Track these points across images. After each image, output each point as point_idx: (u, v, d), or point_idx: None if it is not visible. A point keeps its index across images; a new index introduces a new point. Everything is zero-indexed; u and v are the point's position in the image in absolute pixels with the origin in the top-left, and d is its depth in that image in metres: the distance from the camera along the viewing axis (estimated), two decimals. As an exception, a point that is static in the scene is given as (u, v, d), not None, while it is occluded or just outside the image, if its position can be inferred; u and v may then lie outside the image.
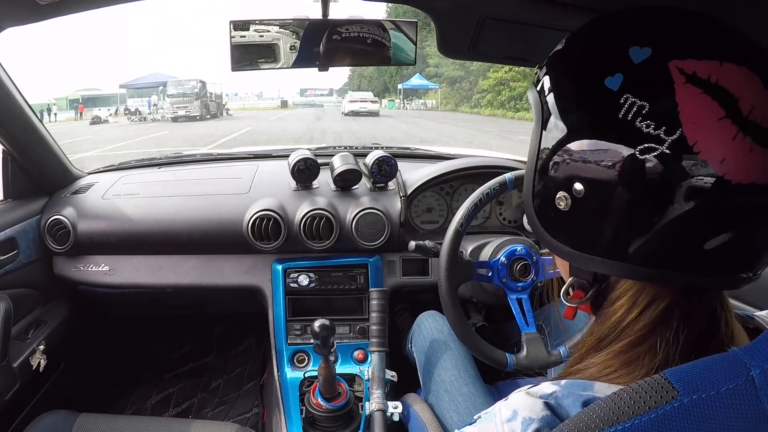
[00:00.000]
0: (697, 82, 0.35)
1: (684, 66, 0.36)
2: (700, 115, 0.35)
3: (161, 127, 14.40)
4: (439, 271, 0.93)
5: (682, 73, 0.36)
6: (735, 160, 0.34)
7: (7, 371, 1.06)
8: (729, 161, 0.34)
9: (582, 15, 0.76)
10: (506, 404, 0.39)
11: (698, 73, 0.35)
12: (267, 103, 32.82)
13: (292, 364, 1.22)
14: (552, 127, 0.42)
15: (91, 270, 1.28)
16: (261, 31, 0.90)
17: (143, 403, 1.58)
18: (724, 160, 0.34)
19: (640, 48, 0.38)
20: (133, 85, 23.77)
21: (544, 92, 0.43)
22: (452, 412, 0.99)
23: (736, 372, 0.32)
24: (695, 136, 0.35)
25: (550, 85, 0.43)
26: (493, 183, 0.93)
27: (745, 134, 0.34)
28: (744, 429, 0.31)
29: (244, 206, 1.23)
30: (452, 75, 26.35)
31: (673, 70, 0.36)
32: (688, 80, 0.36)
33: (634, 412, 0.32)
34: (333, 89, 37.53)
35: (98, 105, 22.57)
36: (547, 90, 0.43)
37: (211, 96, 18.58)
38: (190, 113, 16.73)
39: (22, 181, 1.25)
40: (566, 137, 0.40)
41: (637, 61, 0.37)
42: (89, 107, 21.54)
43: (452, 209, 1.36)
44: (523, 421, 0.37)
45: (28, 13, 0.81)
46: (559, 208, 0.41)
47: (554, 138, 0.41)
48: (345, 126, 14.46)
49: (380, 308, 1.09)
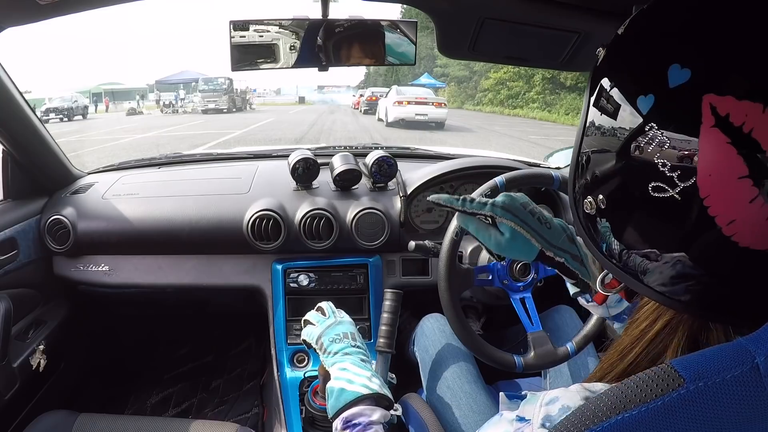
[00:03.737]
0: (727, 129, 0.30)
1: (719, 104, 0.31)
2: (718, 169, 0.31)
3: (196, 118, 16.14)
4: (439, 282, 0.93)
5: (714, 113, 0.31)
6: (747, 225, 0.31)
7: (7, 371, 1.06)
8: (740, 224, 0.31)
9: (582, 15, 0.76)
10: (552, 391, 0.40)
11: (732, 116, 0.30)
12: (285, 99, 33.20)
13: (292, 364, 1.22)
14: (590, 135, 0.41)
15: (91, 270, 1.28)
16: (261, 31, 0.90)
17: (143, 403, 1.57)
18: (734, 222, 0.31)
19: (681, 68, 0.32)
20: (167, 80, 25.58)
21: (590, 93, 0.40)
22: (454, 409, 0.99)
23: (740, 359, 0.32)
24: (708, 189, 0.31)
25: (590, 84, 0.40)
26: (484, 188, 0.94)
27: (766, 200, 0.30)
28: (749, 415, 0.31)
29: (244, 206, 1.24)
30: (459, 75, 26.64)
31: (705, 107, 0.31)
32: (717, 123, 0.31)
33: (641, 399, 0.32)
34: (350, 86, 37.61)
35: (119, 99, 23.97)
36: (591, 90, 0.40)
37: (236, 91, 20.28)
38: (219, 106, 18.45)
39: (22, 181, 1.25)
40: (598, 149, 0.39)
41: (673, 84, 0.32)
42: (111, 101, 22.98)
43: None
44: (561, 408, 0.37)
45: (28, 13, 0.81)
46: (586, 211, 0.41)
47: (590, 146, 0.40)
48: (358, 122, 14.49)
49: (393, 309, 1.08)
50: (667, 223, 0.34)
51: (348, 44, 0.92)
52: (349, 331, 0.76)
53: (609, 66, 0.39)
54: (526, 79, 20.66)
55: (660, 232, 0.35)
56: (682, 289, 0.35)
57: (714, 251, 0.33)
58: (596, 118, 0.39)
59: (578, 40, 0.83)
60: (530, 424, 0.38)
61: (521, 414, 0.40)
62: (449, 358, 1.07)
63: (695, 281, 0.35)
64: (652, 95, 0.33)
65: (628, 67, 0.37)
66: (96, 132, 11.79)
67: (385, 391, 0.68)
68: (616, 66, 0.38)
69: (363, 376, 0.68)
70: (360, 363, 0.71)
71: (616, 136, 0.36)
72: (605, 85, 0.38)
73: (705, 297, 0.35)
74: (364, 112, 17.14)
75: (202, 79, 19.79)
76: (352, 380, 0.67)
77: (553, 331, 1.10)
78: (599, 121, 0.38)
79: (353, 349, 0.73)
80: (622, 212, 0.37)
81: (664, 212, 0.34)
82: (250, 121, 13.95)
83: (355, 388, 0.66)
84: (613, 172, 0.37)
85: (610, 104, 0.37)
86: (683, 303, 0.36)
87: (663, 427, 0.31)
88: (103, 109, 21.41)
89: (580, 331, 1.00)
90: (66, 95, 16.60)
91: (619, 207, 0.38)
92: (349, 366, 0.69)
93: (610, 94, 0.37)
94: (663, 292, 0.37)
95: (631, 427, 0.32)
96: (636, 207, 0.36)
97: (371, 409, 0.65)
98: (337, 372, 0.69)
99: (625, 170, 0.36)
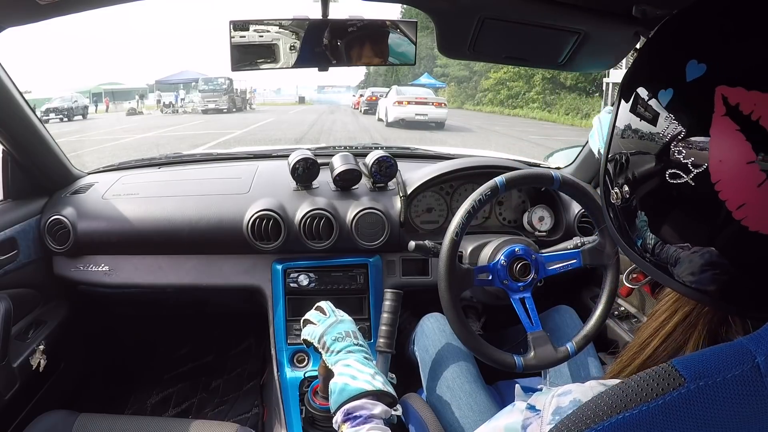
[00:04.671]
0: (737, 117, 0.33)
1: (730, 95, 0.33)
2: (729, 154, 0.33)
3: (196, 118, 16.19)
4: (439, 282, 0.93)
5: (725, 103, 0.33)
6: (756, 209, 0.33)
7: (7, 371, 1.06)
8: (749, 208, 0.33)
9: (582, 15, 0.76)
10: (568, 385, 0.40)
11: (741, 105, 0.33)
12: (285, 98, 33.28)
13: (292, 364, 1.22)
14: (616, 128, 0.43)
15: (91, 270, 1.28)
16: (261, 31, 0.90)
17: (143, 403, 1.57)
18: (743, 206, 0.33)
19: (698, 63, 0.35)
20: (167, 80, 25.77)
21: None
22: (453, 408, 0.99)
23: (741, 359, 0.32)
24: (718, 174, 0.33)
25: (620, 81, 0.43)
26: (484, 188, 0.94)
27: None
28: (749, 415, 0.31)
29: (244, 206, 1.23)
30: (459, 75, 26.70)
31: (717, 98, 0.33)
32: (728, 112, 0.33)
33: (641, 399, 0.32)
34: (350, 86, 37.68)
35: (119, 99, 24.05)
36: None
37: (236, 91, 20.34)
38: (219, 106, 18.49)
39: (22, 181, 1.25)
40: (622, 140, 0.41)
41: (690, 78, 0.35)
42: (111, 101, 23.09)
43: (452, 209, 1.36)
44: (572, 401, 0.38)
45: (28, 13, 0.81)
46: (612, 202, 0.43)
47: (627, 147, 0.42)
48: (358, 122, 14.53)
49: (393, 309, 1.08)
50: (690, 216, 0.36)
51: (350, 45, 0.92)
52: (350, 329, 0.77)
53: (637, 67, 0.43)
54: (526, 79, 20.69)
55: (689, 226, 0.37)
56: (709, 278, 0.36)
57: (732, 239, 0.34)
58: (633, 121, 0.41)
59: (578, 40, 0.83)
60: (540, 415, 0.39)
61: (533, 403, 0.40)
62: (449, 358, 1.07)
63: (721, 271, 0.36)
64: (671, 89, 0.36)
65: (650, 66, 0.41)
66: (96, 132, 11.81)
67: (389, 389, 0.68)
68: (642, 66, 0.42)
69: (366, 373, 0.69)
70: (363, 360, 0.71)
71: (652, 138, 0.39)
72: (642, 94, 0.40)
73: (729, 288, 0.36)
74: (364, 112, 17.08)
75: (202, 79, 19.88)
76: (355, 376, 0.68)
77: (553, 331, 1.10)
78: (636, 125, 0.41)
79: (356, 347, 0.73)
80: (658, 207, 0.39)
81: (682, 199, 0.36)
82: (250, 121, 14.08)
83: (358, 384, 0.67)
84: (648, 170, 0.39)
85: (648, 112, 0.39)
86: (708, 293, 0.37)
87: (663, 426, 0.32)
88: (103, 109, 21.52)
89: (580, 331, 1.00)
90: (66, 95, 16.66)
91: (654, 202, 0.39)
92: (353, 363, 0.70)
93: (647, 101, 0.40)
94: (691, 283, 0.37)
95: (631, 427, 0.32)
96: (666, 200, 0.37)
97: (373, 404, 0.65)
98: (340, 368, 0.70)
99: (648, 159, 0.38)
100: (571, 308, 1.19)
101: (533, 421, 0.39)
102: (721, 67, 0.34)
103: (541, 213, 1.35)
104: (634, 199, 0.40)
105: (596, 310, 1.01)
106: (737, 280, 0.36)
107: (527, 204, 1.39)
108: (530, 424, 0.39)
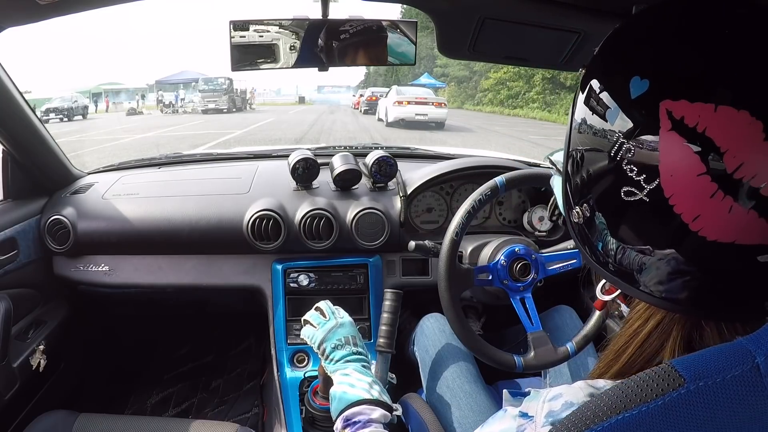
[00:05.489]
0: (683, 130, 0.33)
1: (674, 108, 0.33)
2: (678, 168, 0.33)
3: (196, 118, 16.13)
4: (439, 282, 0.93)
5: (670, 117, 0.33)
6: (711, 219, 0.33)
7: (7, 371, 1.06)
8: (704, 219, 0.33)
9: (582, 15, 0.76)
10: (556, 388, 0.40)
11: (686, 118, 0.33)
12: (285, 99, 33.33)
13: (292, 364, 1.22)
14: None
15: (91, 270, 1.28)
16: (261, 31, 0.90)
17: (143, 403, 1.58)
18: (698, 218, 0.33)
19: (641, 79, 0.35)
20: (167, 80, 25.78)
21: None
22: (453, 409, 0.99)
23: (741, 359, 0.32)
24: (671, 188, 0.34)
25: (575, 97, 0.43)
26: (484, 188, 0.94)
27: (725, 193, 0.32)
28: (749, 415, 0.31)
29: (244, 206, 1.24)
30: (459, 75, 26.67)
31: (662, 113, 0.33)
32: (674, 127, 0.33)
33: (641, 399, 0.32)
34: (350, 86, 37.73)
35: (119, 99, 24.33)
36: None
37: (236, 91, 20.34)
38: (219, 106, 18.49)
39: (22, 181, 1.25)
40: (581, 157, 0.41)
41: (635, 95, 0.35)
42: (111, 101, 23.24)
43: (452, 209, 1.36)
44: (564, 404, 0.37)
45: (28, 13, 0.81)
46: (574, 221, 0.43)
47: (582, 143, 0.42)
48: (358, 122, 14.51)
49: (393, 309, 1.08)
50: (647, 224, 0.36)
51: (350, 45, 0.92)
52: (350, 334, 0.78)
53: (589, 75, 0.42)
54: (526, 79, 20.68)
55: (646, 231, 0.37)
56: (678, 286, 0.36)
57: (693, 248, 0.34)
58: (588, 116, 0.41)
59: (578, 40, 0.83)
60: (533, 421, 0.38)
61: (525, 410, 0.40)
62: (449, 358, 1.07)
63: (691, 277, 0.36)
64: (618, 108, 0.36)
65: (599, 82, 0.40)
66: (96, 132, 11.81)
67: (385, 398, 0.70)
68: (595, 68, 0.42)
69: (364, 381, 0.71)
70: (362, 369, 0.74)
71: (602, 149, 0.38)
72: (594, 87, 0.40)
73: (699, 294, 0.36)
74: (364, 112, 17.04)
75: (202, 79, 19.88)
76: (354, 384, 0.70)
77: (553, 331, 1.10)
78: (591, 120, 0.40)
79: (355, 356, 0.75)
80: (613, 211, 0.39)
81: (641, 215, 0.36)
82: (250, 121, 14.07)
83: (356, 392, 0.69)
84: (595, 175, 0.39)
85: (599, 107, 0.39)
86: (678, 302, 0.37)
87: (663, 426, 0.32)
88: (103, 109, 21.56)
89: (580, 331, 1.00)
90: (66, 95, 16.66)
91: (609, 207, 0.39)
92: (351, 372, 0.72)
93: (599, 97, 0.39)
94: (659, 292, 0.37)
95: (631, 427, 0.32)
96: (625, 215, 0.37)
97: (371, 408, 0.67)
98: (339, 377, 0.72)
99: (604, 177, 0.38)
100: (571, 308, 1.19)
101: (527, 427, 0.39)
102: (662, 82, 0.34)
103: (541, 213, 1.35)
104: (595, 219, 0.40)
105: (596, 310, 1.01)
106: (706, 286, 0.36)
107: (527, 204, 1.39)
108: (524, 430, 0.39)
